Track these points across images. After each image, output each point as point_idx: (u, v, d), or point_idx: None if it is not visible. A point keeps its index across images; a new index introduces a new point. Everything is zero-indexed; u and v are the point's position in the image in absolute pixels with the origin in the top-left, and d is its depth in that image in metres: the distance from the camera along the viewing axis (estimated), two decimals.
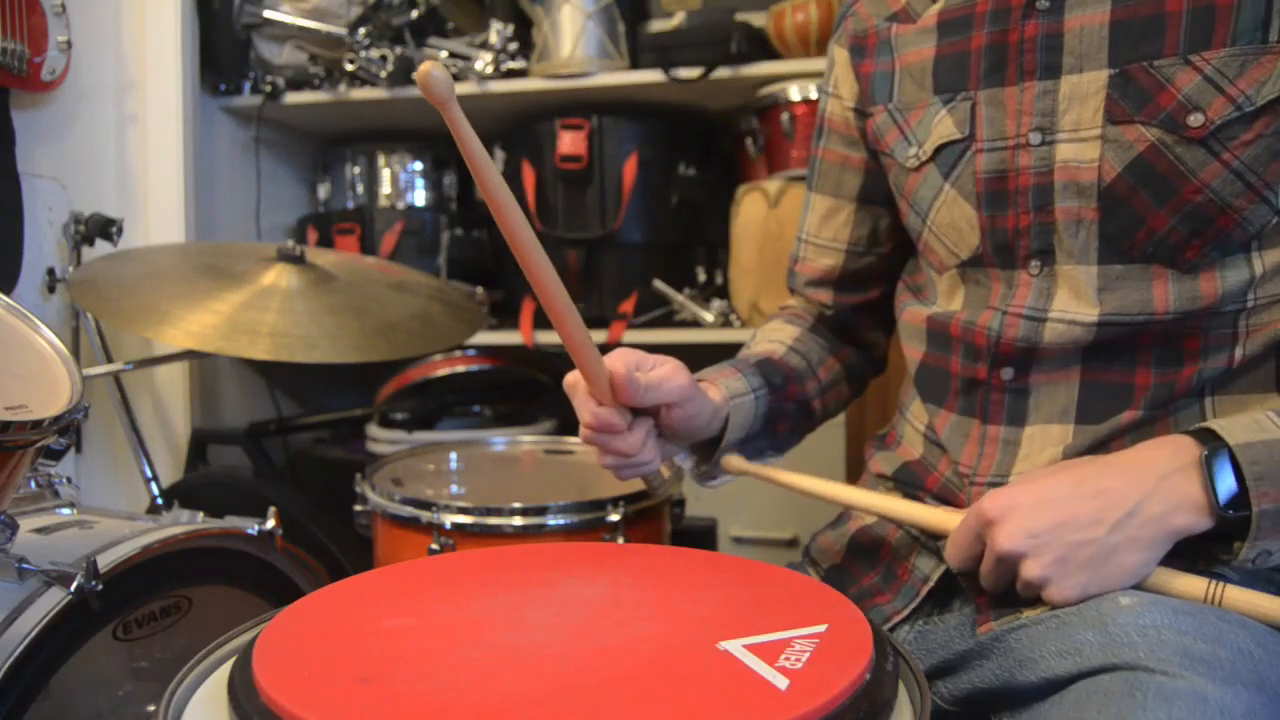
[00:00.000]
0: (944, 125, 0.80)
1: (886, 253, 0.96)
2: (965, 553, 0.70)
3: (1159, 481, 0.65)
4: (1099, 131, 0.72)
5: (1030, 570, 0.66)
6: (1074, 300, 0.74)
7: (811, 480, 0.81)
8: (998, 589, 0.70)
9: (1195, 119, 0.68)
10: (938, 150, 0.81)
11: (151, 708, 0.96)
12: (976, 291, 0.82)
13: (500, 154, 2.05)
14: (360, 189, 2.13)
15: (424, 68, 0.56)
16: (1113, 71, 0.71)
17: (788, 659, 0.51)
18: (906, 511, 0.77)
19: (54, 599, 0.81)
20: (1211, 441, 0.65)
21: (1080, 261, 0.74)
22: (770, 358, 0.93)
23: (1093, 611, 0.63)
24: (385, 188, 2.12)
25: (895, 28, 0.87)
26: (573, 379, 0.78)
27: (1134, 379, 0.74)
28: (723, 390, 0.85)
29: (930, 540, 0.81)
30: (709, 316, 1.86)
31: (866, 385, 1.03)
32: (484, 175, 0.60)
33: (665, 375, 0.77)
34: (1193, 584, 0.65)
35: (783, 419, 0.91)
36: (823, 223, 0.97)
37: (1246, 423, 0.65)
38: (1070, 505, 0.66)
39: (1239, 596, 0.64)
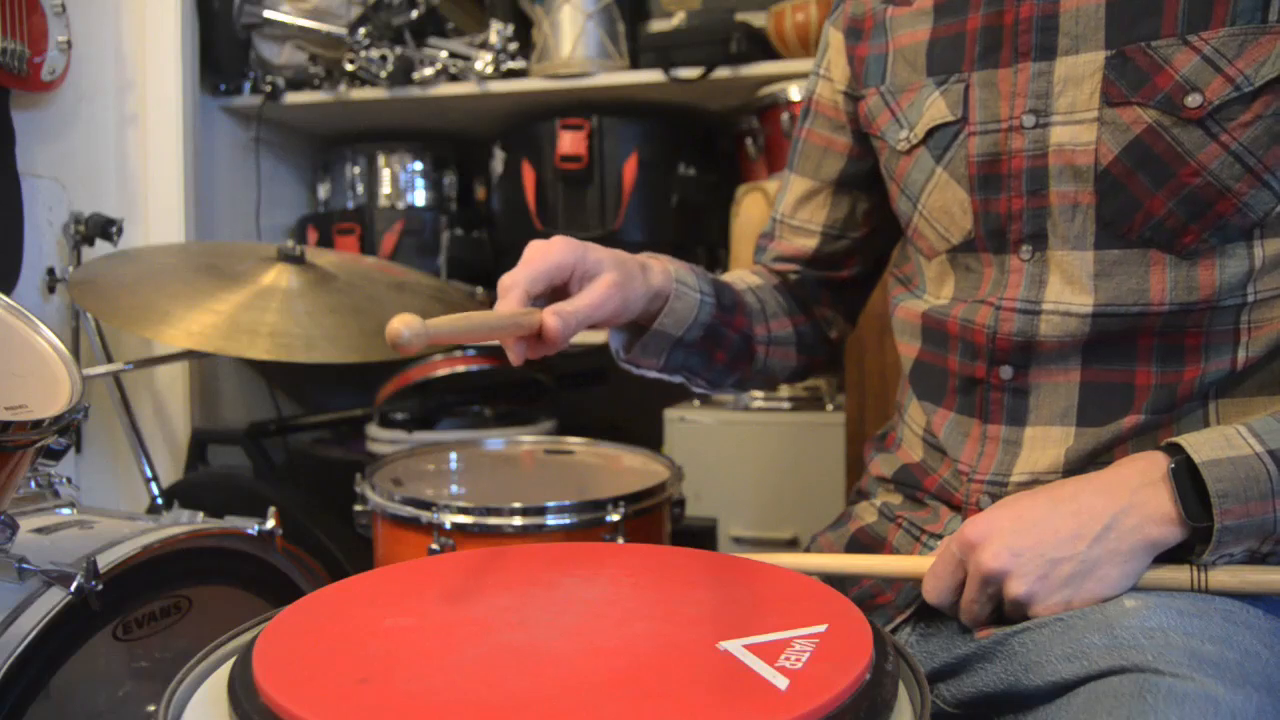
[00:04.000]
0: (936, 107, 0.80)
1: (861, 236, 0.96)
2: (947, 582, 0.71)
3: (1131, 496, 0.66)
4: (1095, 114, 0.71)
5: (1015, 588, 0.66)
6: (1067, 288, 0.74)
7: (796, 557, 0.80)
8: (978, 621, 0.70)
9: (1193, 99, 0.67)
10: (929, 133, 0.80)
11: (151, 708, 0.96)
12: (967, 278, 0.81)
13: (500, 154, 2.05)
14: (360, 189, 2.13)
15: (391, 328, 0.55)
16: (1110, 53, 0.70)
17: (788, 659, 0.51)
18: (880, 565, 0.78)
19: (54, 599, 0.81)
20: (1179, 456, 0.66)
21: (1075, 247, 0.74)
22: (729, 285, 0.91)
23: (1098, 614, 0.63)
24: (385, 188, 2.12)
25: (890, 10, 0.86)
26: (508, 281, 0.71)
27: (1135, 379, 0.73)
28: (670, 274, 0.82)
29: (931, 539, 0.81)
30: None
31: (815, 369, 0.99)
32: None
33: (595, 302, 0.72)
34: (1177, 573, 0.66)
35: (723, 346, 0.88)
36: (799, 204, 0.97)
37: (1216, 439, 0.66)
38: (1050, 523, 0.66)
39: (1225, 576, 0.65)
